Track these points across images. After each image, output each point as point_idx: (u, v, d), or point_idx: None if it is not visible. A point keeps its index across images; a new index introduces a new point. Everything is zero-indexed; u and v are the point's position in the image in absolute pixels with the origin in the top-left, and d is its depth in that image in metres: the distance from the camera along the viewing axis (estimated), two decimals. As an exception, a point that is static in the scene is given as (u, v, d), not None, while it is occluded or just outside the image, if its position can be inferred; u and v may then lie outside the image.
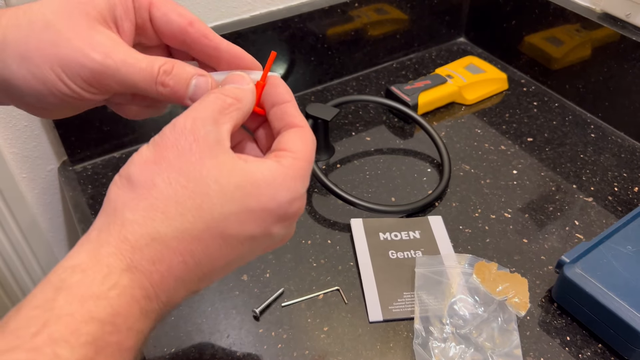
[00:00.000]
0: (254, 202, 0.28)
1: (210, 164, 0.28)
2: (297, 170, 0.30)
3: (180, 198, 0.27)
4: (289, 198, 0.29)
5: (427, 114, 0.73)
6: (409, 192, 0.62)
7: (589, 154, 0.67)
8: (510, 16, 0.79)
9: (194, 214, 0.27)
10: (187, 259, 0.27)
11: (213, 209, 0.27)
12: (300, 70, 0.75)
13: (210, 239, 0.28)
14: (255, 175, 0.29)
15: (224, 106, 0.30)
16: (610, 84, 0.69)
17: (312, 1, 0.72)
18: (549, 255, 0.54)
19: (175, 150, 0.28)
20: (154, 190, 0.27)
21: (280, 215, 0.29)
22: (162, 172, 0.27)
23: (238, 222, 0.28)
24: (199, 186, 0.27)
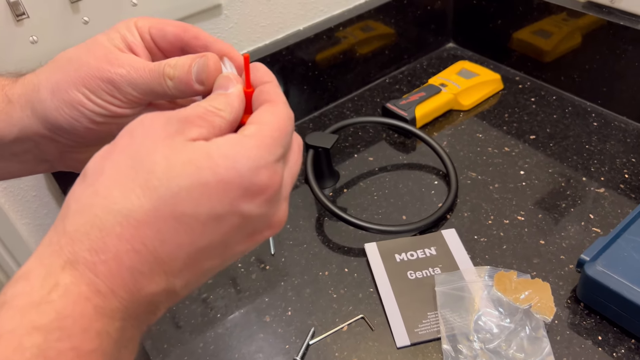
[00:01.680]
0: (207, 174, 0.25)
1: (163, 144, 0.26)
2: (261, 138, 0.27)
3: (124, 179, 0.25)
4: (251, 166, 0.26)
5: (426, 126, 0.73)
6: (419, 208, 0.62)
7: (594, 143, 0.66)
8: (495, 16, 0.79)
9: (138, 194, 0.25)
10: (136, 246, 0.25)
11: (159, 186, 0.25)
12: (295, 100, 0.76)
13: (162, 221, 0.25)
14: (210, 147, 0.26)
15: (202, 114, 0.28)
16: (605, 70, 0.69)
17: (297, 32, 0.73)
18: (568, 254, 0.54)
19: (128, 136, 0.26)
20: (101, 176, 0.25)
21: (245, 187, 0.26)
22: (113, 158, 0.26)
23: (191, 199, 0.25)
24: (145, 164, 0.25)
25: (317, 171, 0.64)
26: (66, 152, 0.34)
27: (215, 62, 0.31)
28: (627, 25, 0.64)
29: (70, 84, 0.32)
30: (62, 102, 0.32)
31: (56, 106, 0.32)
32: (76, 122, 0.32)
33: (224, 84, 0.30)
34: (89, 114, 0.32)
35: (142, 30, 0.34)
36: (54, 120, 0.32)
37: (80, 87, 0.32)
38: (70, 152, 0.35)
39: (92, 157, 0.27)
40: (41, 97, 0.32)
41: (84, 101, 0.32)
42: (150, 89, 0.32)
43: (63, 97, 0.32)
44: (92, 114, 0.32)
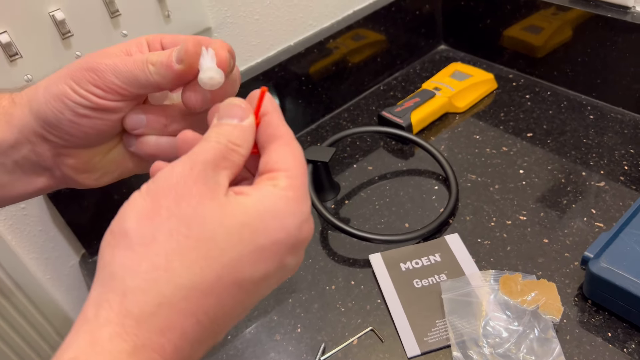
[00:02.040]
0: (263, 238, 0.26)
1: (212, 206, 0.26)
2: (296, 190, 0.28)
3: (184, 249, 0.25)
4: (297, 224, 0.27)
5: (423, 131, 0.73)
6: (421, 214, 0.62)
7: (591, 137, 0.66)
8: (483, 16, 0.80)
9: (201, 265, 0.25)
10: (200, 318, 0.25)
11: (222, 255, 0.25)
12: (291, 114, 0.77)
13: (224, 289, 0.25)
14: (258, 208, 0.26)
15: (224, 154, 0.28)
16: (597, 62, 0.69)
17: (288, 48, 0.73)
18: (572, 251, 0.54)
19: (174, 196, 0.25)
20: (155, 245, 0.25)
21: (292, 244, 0.27)
22: (163, 224, 0.25)
23: (251, 263, 0.26)
24: (203, 232, 0.25)
25: (317, 185, 0.64)
26: (59, 155, 0.34)
27: (194, 44, 0.31)
28: (614, 17, 0.64)
29: (61, 78, 0.32)
30: (50, 95, 0.32)
31: (46, 99, 0.32)
32: (60, 114, 0.32)
33: (237, 113, 0.29)
34: (72, 105, 0.32)
35: (154, 41, 0.34)
36: (43, 114, 0.33)
37: (67, 80, 0.32)
38: (62, 155, 0.35)
39: (126, 215, 0.26)
40: (37, 94, 0.33)
41: (68, 92, 0.32)
42: (133, 77, 0.32)
43: (52, 90, 0.32)
44: (75, 104, 0.32)
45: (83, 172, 0.35)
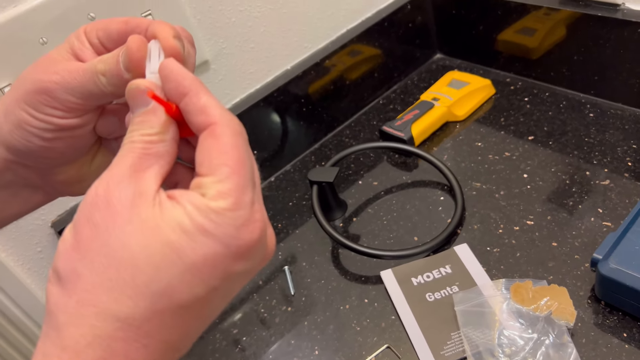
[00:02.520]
0: (191, 257, 0.24)
1: (130, 229, 0.24)
2: (227, 197, 0.24)
3: (107, 282, 0.23)
4: (231, 232, 0.24)
5: (425, 142, 0.74)
6: (429, 227, 0.62)
7: (592, 135, 0.66)
8: (476, 22, 0.80)
9: (130, 295, 0.23)
10: (144, 342, 0.24)
11: (148, 281, 0.23)
12: (293, 136, 0.78)
13: (164, 314, 0.24)
14: (184, 223, 0.24)
15: (141, 151, 0.26)
16: (592, 60, 0.69)
17: (285, 72, 0.75)
18: (582, 253, 0.54)
19: (90, 227, 0.24)
20: (80, 281, 0.24)
21: (233, 252, 0.24)
22: (83, 258, 0.24)
23: (185, 284, 0.24)
24: (124, 260, 0.23)
25: (324, 205, 0.65)
26: (45, 175, 0.34)
27: (138, 45, 0.28)
28: (604, 15, 0.64)
29: (15, 103, 0.31)
30: (11, 124, 0.31)
31: (9, 129, 0.31)
32: (28, 142, 0.31)
33: (142, 99, 0.27)
34: (36, 131, 0.31)
35: (90, 35, 0.32)
36: (12, 145, 0.32)
37: (22, 105, 0.30)
38: (48, 174, 0.34)
39: (58, 252, 0.25)
40: (3, 127, 0.31)
41: (27, 119, 0.30)
42: (87, 91, 0.30)
43: (11, 119, 0.31)
44: (38, 130, 0.31)
45: (75, 184, 0.35)
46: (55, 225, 0.62)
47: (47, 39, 0.53)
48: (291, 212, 0.70)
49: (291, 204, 0.72)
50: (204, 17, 0.64)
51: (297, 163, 0.78)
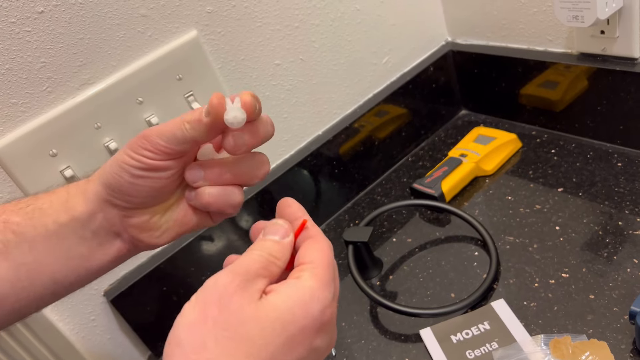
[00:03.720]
0: (293, 328, 0.31)
1: (249, 310, 0.31)
2: (318, 279, 0.33)
3: (229, 350, 0.29)
4: (320, 308, 0.32)
5: (455, 197, 0.76)
6: (466, 282, 0.63)
7: (622, 185, 0.67)
8: (498, 79, 0.83)
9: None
10: None
11: (260, 349, 0.30)
12: (327, 196, 0.81)
13: None
14: (287, 302, 0.31)
15: (265, 265, 0.33)
16: (615, 111, 0.71)
17: (317, 137, 0.79)
18: (620, 305, 0.54)
19: (219, 306, 0.31)
20: (205, 351, 0.29)
21: (318, 327, 0.32)
22: (210, 332, 0.30)
23: (285, 352, 0.30)
24: (243, 333, 0.30)
25: (360, 264, 0.67)
26: (124, 217, 0.39)
27: (218, 97, 0.35)
28: (623, 69, 0.66)
29: (123, 150, 0.38)
30: (113, 163, 0.38)
31: (110, 169, 0.38)
32: (120, 177, 0.37)
33: (279, 231, 0.35)
34: (128, 168, 0.37)
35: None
36: (108, 181, 0.38)
37: (126, 149, 0.37)
38: (127, 217, 0.39)
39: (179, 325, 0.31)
40: (105, 168, 0.39)
41: (125, 158, 0.37)
42: (173, 136, 0.36)
43: (114, 160, 0.38)
44: (130, 167, 0.37)
45: (146, 231, 0.40)
46: (108, 294, 0.65)
47: (101, 124, 0.59)
48: (328, 272, 0.72)
49: (328, 263, 0.74)
50: (240, 92, 0.69)
51: (331, 222, 0.81)
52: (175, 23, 0.62)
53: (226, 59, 0.67)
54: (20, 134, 0.55)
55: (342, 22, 0.76)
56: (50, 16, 0.54)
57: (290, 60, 0.72)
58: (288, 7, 0.70)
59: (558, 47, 0.75)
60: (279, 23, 0.70)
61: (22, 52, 0.53)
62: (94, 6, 0.56)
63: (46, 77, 0.55)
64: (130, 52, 0.60)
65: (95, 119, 0.58)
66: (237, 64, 0.68)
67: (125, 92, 0.60)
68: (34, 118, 0.56)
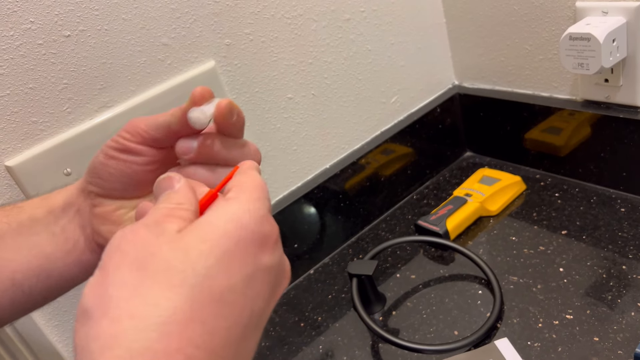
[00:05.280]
0: (224, 242, 0.25)
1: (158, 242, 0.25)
2: (248, 193, 0.29)
3: (141, 290, 0.23)
4: (256, 220, 0.27)
5: (460, 236, 0.76)
6: (469, 321, 0.63)
7: (626, 229, 0.68)
8: (503, 123, 0.85)
9: (166, 296, 0.23)
10: (189, 352, 0.22)
11: (185, 276, 0.24)
12: (332, 230, 0.81)
13: (205, 310, 0.23)
14: (215, 222, 0.26)
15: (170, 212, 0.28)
16: (619, 157, 0.72)
17: (324, 170, 0.80)
18: (625, 348, 0.54)
19: (120, 254, 0.25)
20: (111, 302, 0.23)
21: (258, 239, 0.27)
22: (113, 279, 0.24)
23: (222, 272, 0.25)
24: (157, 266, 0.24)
25: (363, 298, 0.67)
26: (93, 207, 0.39)
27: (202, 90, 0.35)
28: (627, 117, 0.68)
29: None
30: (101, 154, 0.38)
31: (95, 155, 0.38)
32: (96, 158, 0.38)
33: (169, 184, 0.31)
34: (105, 148, 0.37)
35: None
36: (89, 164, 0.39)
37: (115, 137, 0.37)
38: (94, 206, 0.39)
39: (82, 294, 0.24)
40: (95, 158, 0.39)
41: (108, 142, 0.38)
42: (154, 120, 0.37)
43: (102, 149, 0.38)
44: (107, 147, 0.37)
45: (108, 224, 0.39)
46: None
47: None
48: (330, 306, 0.72)
49: (330, 297, 0.74)
50: (252, 124, 0.70)
51: (335, 256, 0.81)
52: (195, 53, 0.64)
53: (241, 90, 0.69)
54: (37, 152, 0.56)
55: (354, 61, 0.78)
56: (76, 40, 0.56)
57: (302, 94, 0.74)
58: (303, 44, 0.72)
59: (563, 93, 0.77)
60: (293, 59, 0.72)
61: (47, 73, 0.55)
62: (118, 33, 0.58)
63: (67, 98, 0.57)
64: (150, 78, 0.61)
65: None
66: (251, 96, 0.70)
67: (142, 115, 0.61)
68: (52, 137, 0.57)
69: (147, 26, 0.60)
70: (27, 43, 0.53)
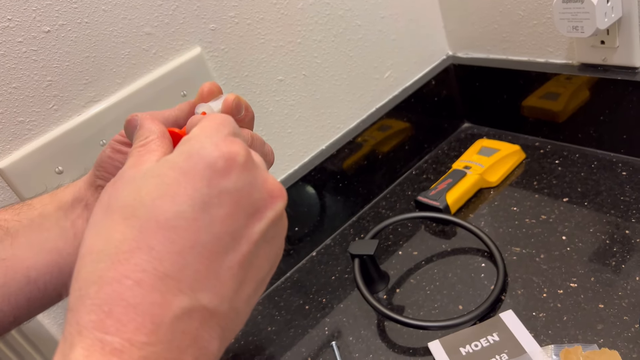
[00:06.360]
0: (171, 174, 0.26)
1: (125, 183, 0.27)
2: (206, 128, 0.28)
3: (101, 228, 0.25)
4: (206, 145, 0.26)
5: (460, 209, 0.76)
6: (473, 294, 0.63)
7: (627, 193, 0.67)
8: (500, 92, 0.84)
9: (119, 229, 0.25)
10: (137, 277, 0.23)
11: (134, 209, 0.25)
12: (332, 211, 0.81)
13: (151, 238, 0.24)
14: (168, 158, 0.27)
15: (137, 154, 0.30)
16: (618, 120, 0.71)
17: (320, 152, 0.79)
18: (630, 314, 0.54)
19: (98, 203, 0.27)
20: (82, 243, 0.26)
21: (212, 163, 0.26)
22: (88, 225, 0.27)
23: (167, 201, 0.25)
24: (116, 203, 0.26)
25: (366, 278, 0.67)
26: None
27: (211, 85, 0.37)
28: (625, 79, 0.67)
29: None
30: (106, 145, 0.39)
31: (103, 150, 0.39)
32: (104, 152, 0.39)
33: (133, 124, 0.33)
34: (112, 142, 0.38)
35: None
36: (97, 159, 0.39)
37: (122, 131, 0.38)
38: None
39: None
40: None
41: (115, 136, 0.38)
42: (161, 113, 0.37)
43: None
44: (114, 142, 0.38)
45: None
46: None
47: (106, 141, 0.59)
48: (334, 287, 0.72)
49: (334, 277, 0.74)
50: (244, 108, 0.69)
51: (336, 236, 0.81)
52: (179, 40, 0.63)
53: (230, 75, 0.67)
54: (27, 152, 0.55)
55: (344, 38, 0.76)
56: (57, 35, 0.54)
57: (293, 76, 0.73)
58: (290, 24, 0.71)
59: (559, 58, 0.75)
60: (281, 39, 0.70)
61: (29, 71, 0.54)
62: (99, 25, 0.57)
63: (52, 96, 0.56)
64: (135, 69, 0.60)
65: (101, 136, 0.59)
66: (241, 80, 0.68)
67: (130, 109, 0.60)
68: (40, 136, 0.56)
69: (128, 16, 0.58)
70: (6, 42, 0.52)
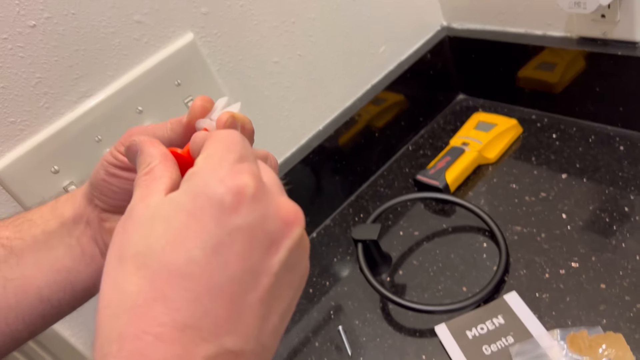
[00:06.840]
0: (179, 217, 0.24)
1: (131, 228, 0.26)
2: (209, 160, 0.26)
3: (116, 279, 0.24)
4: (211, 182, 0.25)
5: (460, 187, 0.76)
6: (476, 275, 0.64)
7: (626, 169, 0.68)
8: (496, 64, 0.83)
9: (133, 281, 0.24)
10: (156, 331, 0.22)
11: (145, 258, 0.24)
12: (331, 191, 0.80)
13: (166, 288, 0.23)
14: (173, 197, 0.26)
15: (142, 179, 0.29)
16: (616, 92, 0.71)
17: (317, 133, 0.78)
18: (632, 293, 0.55)
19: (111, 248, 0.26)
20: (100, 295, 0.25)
21: (219, 201, 0.25)
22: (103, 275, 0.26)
23: (177, 247, 0.24)
24: (127, 252, 0.25)
25: (369, 261, 0.67)
26: (101, 221, 0.39)
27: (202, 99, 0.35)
28: (625, 54, 0.66)
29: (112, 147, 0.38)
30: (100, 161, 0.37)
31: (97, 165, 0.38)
32: (98, 174, 0.37)
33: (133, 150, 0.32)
34: (106, 164, 0.36)
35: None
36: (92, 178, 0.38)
37: (112, 147, 0.37)
38: (103, 220, 0.39)
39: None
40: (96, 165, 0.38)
41: (106, 155, 0.37)
42: (153, 134, 0.36)
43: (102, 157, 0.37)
44: (107, 164, 0.36)
45: None
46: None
47: (102, 137, 0.57)
48: (337, 269, 0.73)
49: (336, 259, 0.74)
50: (239, 94, 0.67)
51: (336, 217, 0.81)
52: (171, 27, 0.60)
53: (224, 60, 0.65)
54: (21, 153, 0.53)
55: (339, 15, 0.74)
56: (43, 29, 0.52)
57: (288, 57, 0.71)
58: (284, 3, 0.68)
59: (557, 31, 0.74)
60: (275, 19, 0.68)
61: (17, 69, 0.51)
62: (86, 16, 0.54)
63: (43, 93, 0.53)
64: (127, 60, 0.58)
65: (96, 131, 0.57)
66: (236, 65, 0.66)
67: (124, 102, 0.58)
68: (33, 135, 0.54)
69: (116, 4, 0.55)
70: (-10, 40, 0.49)
